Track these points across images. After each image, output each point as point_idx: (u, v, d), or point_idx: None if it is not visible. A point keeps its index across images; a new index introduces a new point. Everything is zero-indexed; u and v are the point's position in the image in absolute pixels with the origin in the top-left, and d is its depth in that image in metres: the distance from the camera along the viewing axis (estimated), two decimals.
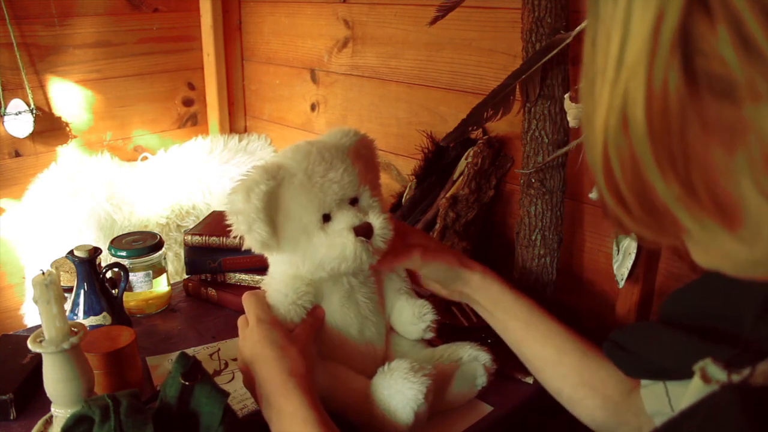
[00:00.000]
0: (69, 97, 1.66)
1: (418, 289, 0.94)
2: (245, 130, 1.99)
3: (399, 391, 0.77)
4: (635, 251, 1.00)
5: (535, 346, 0.78)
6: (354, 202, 0.83)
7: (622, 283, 1.02)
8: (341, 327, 0.85)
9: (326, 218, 0.80)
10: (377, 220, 0.81)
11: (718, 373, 0.44)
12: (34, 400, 0.88)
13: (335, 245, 0.79)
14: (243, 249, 0.82)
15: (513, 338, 0.81)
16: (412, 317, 0.89)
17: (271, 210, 0.78)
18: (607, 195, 0.33)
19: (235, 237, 0.79)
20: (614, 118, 0.30)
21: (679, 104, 0.29)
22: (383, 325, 0.90)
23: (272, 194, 0.77)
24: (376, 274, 0.89)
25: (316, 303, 0.84)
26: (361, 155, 0.86)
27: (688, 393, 0.48)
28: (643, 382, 0.65)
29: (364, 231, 0.80)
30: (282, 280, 0.83)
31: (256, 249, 0.80)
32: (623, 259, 1.02)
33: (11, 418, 0.86)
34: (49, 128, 1.63)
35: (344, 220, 0.80)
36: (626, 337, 0.64)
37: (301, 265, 0.82)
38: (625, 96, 0.30)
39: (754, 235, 0.31)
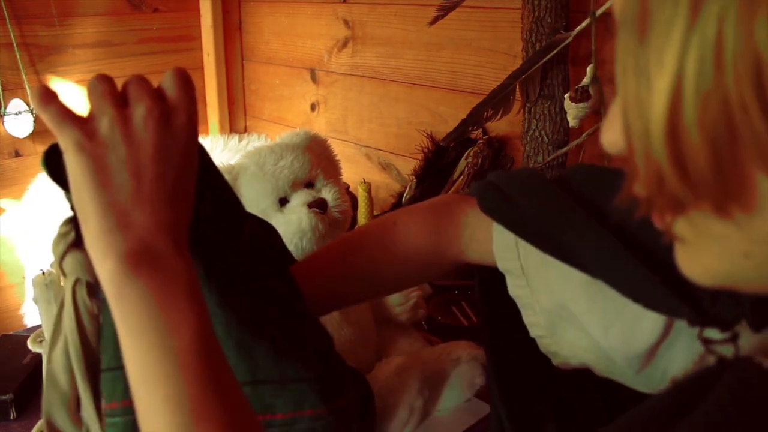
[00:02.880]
0: (69, 97, 1.66)
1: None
2: (245, 130, 1.99)
3: (394, 387, 0.78)
4: None
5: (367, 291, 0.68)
6: (309, 186, 0.89)
7: None
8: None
9: (283, 202, 0.87)
10: (330, 194, 0.87)
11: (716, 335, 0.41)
12: (34, 400, 0.88)
13: (292, 221, 0.84)
14: None
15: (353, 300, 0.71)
16: (398, 297, 0.91)
17: None
18: (662, 151, 0.28)
19: None
20: (700, 48, 0.26)
21: None
22: (368, 309, 0.91)
23: None
24: None
25: None
26: (313, 149, 0.92)
27: (676, 356, 0.45)
28: (497, 236, 0.58)
29: (318, 204, 0.85)
30: None
31: None
32: None
33: (11, 418, 0.86)
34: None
35: (298, 199, 0.86)
36: (508, 182, 0.56)
37: None
38: (722, 17, 0.25)
39: None
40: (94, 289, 0.54)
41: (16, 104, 1.54)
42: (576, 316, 0.52)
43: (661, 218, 0.31)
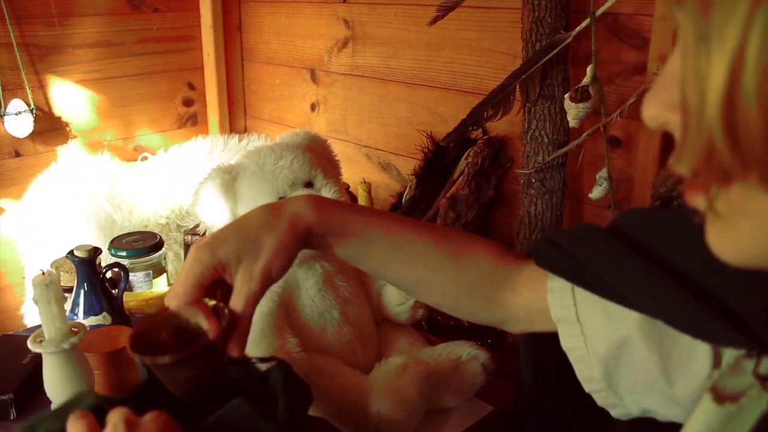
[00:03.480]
0: (69, 97, 1.66)
1: None
2: (245, 130, 1.99)
3: (394, 387, 0.78)
4: None
5: (402, 267, 0.66)
6: (309, 186, 0.88)
7: None
8: (322, 310, 0.86)
9: None
10: (329, 194, 0.87)
11: (738, 381, 0.41)
12: (34, 400, 0.88)
13: None
14: None
15: (372, 267, 0.68)
16: (398, 297, 0.91)
17: (230, 201, 0.85)
18: (716, 122, 0.28)
19: (204, 233, 0.85)
20: (761, 36, 0.26)
21: None
22: (368, 310, 0.91)
23: (229, 186, 0.85)
24: None
25: (286, 288, 0.86)
26: (313, 149, 0.92)
27: (696, 414, 0.44)
28: (552, 285, 0.59)
29: None
30: None
31: None
32: None
33: (11, 418, 0.86)
34: (49, 128, 1.63)
35: None
36: (564, 235, 0.59)
37: None
38: None
39: None
40: None
41: (16, 104, 1.54)
42: (634, 355, 0.53)
43: (704, 190, 0.31)
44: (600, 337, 0.55)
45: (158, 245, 1.13)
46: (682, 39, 0.30)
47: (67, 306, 0.99)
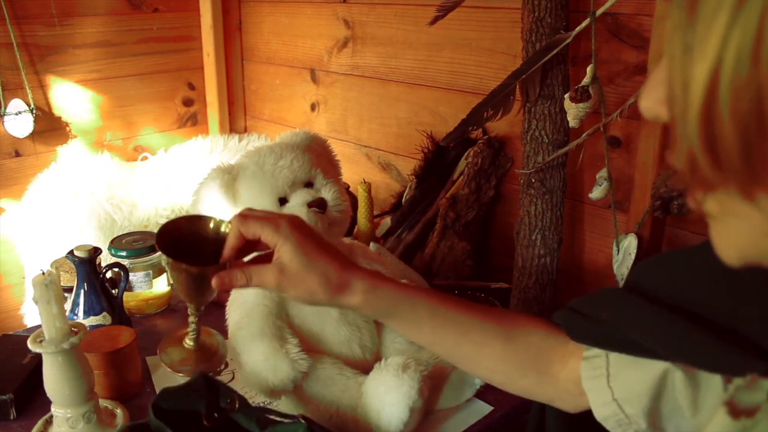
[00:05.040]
0: (69, 97, 1.66)
1: None
2: (245, 130, 1.99)
3: (394, 387, 0.78)
4: (635, 251, 1.00)
5: (449, 345, 0.70)
6: (308, 186, 0.88)
7: (622, 283, 1.02)
8: (321, 310, 0.86)
9: (283, 202, 0.86)
10: (329, 194, 0.87)
11: (753, 396, 0.42)
12: (34, 400, 0.88)
13: None
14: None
15: (423, 342, 0.72)
16: None
17: (230, 201, 0.85)
18: (695, 134, 0.29)
19: None
20: (740, 39, 0.26)
21: None
22: None
23: (229, 186, 0.85)
24: None
25: None
26: (313, 149, 0.92)
27: (710, 428, 0.45)
28: (586, 353, 0.62)
29: (317, 204, 0.85)
30: None
31: None
32: (623, 259, 1.02)
33: (11, 418, 0.86)
34: (49, 128, 1.63)
35: (298, 198, 0.86)
36: (586, 303, 0.61)
37: None
38: (763, 17, 0.26)
39: None
40: None
41: (16, 104, 1.54)
42: (675, 384, 0.55)
43: (692, 195, 0.32)
44: (636, 390, 0.58)
45: None
46: (670, 40, 0.30)
47: (67, 306, 0.99)
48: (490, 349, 0.67)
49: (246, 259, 0.72)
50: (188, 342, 0.73)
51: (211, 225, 0.72)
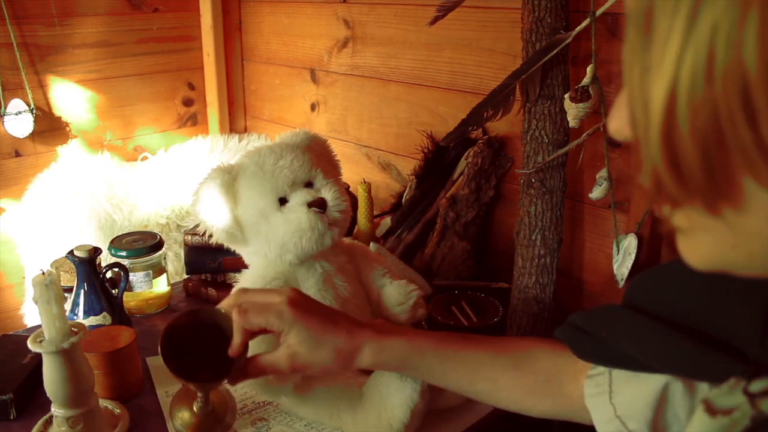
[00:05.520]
0: (69, 97, 1.66)
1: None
2: (245, 130, 1.99)
3: (395, 388, 0.78)
4: (635, 251, 1.00)
5: (464, 384, 0.71)
6: (308, 186, 0.88)
7: (622, 283, 1.02)
8: None
9: (283, 202, 0.86)
10: (329, 194, 0.87)
11: (730, 399, 0.43)
12: (34, 400, 0.88)
13: (291, 220, 0.84)
14: (213, 244, 0.90)
15: (438, 385, 0.74)
16: (398, 297, 0.91)
17: (230, 202, 0.85)
18: (657, 153, 0.29)
19: (203, 233, 0.87)
20: (694, 58, 0.27)
21: None
22: (368, 310, 0.91)
23: (229, 187, 0.85)
24: (353, 263, 0.92)
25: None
26: (313, 149, 0.92)
27: (690, 428, 0.46)
28: (590, 372, 0.64)
29: (317, 204, 0.85)
30: (252, 272, 0.88)
31: (225, 241, 0.88)
32: (623, 259, 1.02)
33: (11, 418, 0.86)
34: (49, 128, 1.63)
35: (298, 198, 0.85)
36: (588, 320, 0.62)
37: (267, 250, 0.86)
38: (715, 30, 0.26)
39: None
40: None
41: (16, 104, 1.54)
42: (673, 416, 0.57)
43: (659, 210, 0.33)
44: (638, 405, 0.58)
45: (158, 245, 1.13)
46: (628, 63, 0.31)
47: (67, 306, 0.99)
48: (503, 381, 0.69)
49: None
50: (196, 408, 0.72)
51: (212, 317, 0.71)
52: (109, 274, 1.02)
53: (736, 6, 0.25)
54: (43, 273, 0.74)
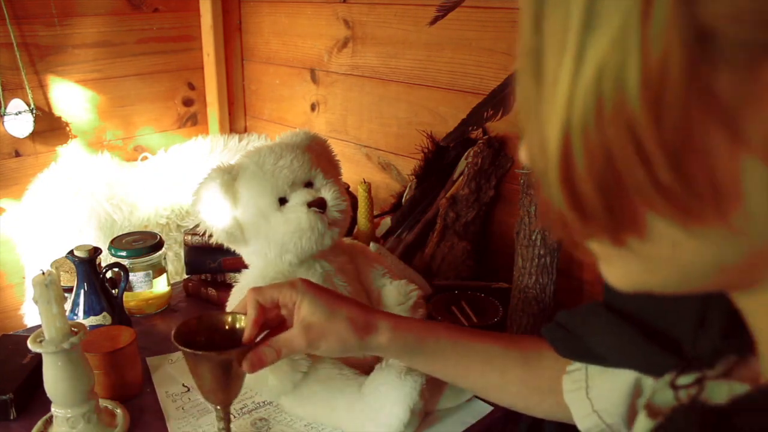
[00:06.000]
0: (69, 97, 1.66)
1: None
2: (245, 130, 1.99)
3: (395, 387, 0.78)
4: None
5: (474, 377, 0.71)
6: (308, 186, 0.88)
7: None
8: None
9: (282, 202, 0.86)
10: (329, 194, 0.87)
11: (665, 396, 0.43)
12: (34, 400, 0.88)
13: (291, 220, 0.84)
14: (213, 244, 0.89)
15: (449, 377, 0.74)
16: (398, 297, 0.91)
17: (230, 202, 0.85)
18: (558, 189, 0.29)
19: (203, 233, 0.87)
20: (584, 96, 0.26)
21: (683, 74, 0.24)
22: None
23: (229, 187, 0.85)
24: (353, 263, 0.92)
25: None
26: (313, 149, 0.92)
27: (635, 428, 0.47)
28: (569, 368, 0.64)
29: (317, 203, 0.85)
30: (252, 272, 0.89)
31: (225, 241, 0.88)
32: None
33: (11, 418, 0.86)
34: (49, 128, 1.63)
35: (298, 198, 0.85)
36: (570, 318, 0.63)
37: (267, 250, 0.86)
38: (602, 68, 0.25)
39: (744, 228, 0.28)
40: None
41: (16, 104, 1.54)
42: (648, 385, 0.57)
43: (569, 243, 0.33)
44: (613, 399, 0.59)
45: (158, 245, 1.13)
46: (523, 109, 0.30)
47: (67, 306, 0.99)
48: (513, 375, 0.69)
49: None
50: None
51: (222, 319, 0.71)
52: (109, 274, 1.02)
53: (619, 46, 0.25)
54: (43, 273, 0.74)
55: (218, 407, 0.71)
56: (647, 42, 0.24)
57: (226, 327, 0.71)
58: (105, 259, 1.09)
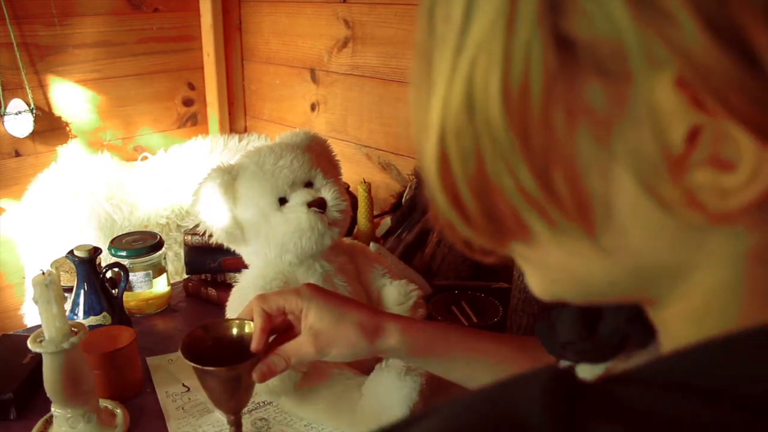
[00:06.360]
0: (69, 97, 1.66)
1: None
2: (245, 130, 1.99)
3: (395, 388, 0.78)
4: None
5: (484, 378, 0.70)
6: (308, 186, 0.88)
7: None
8: None
9: (282, 202, 0.86)
10: (329, 194, 0.86)
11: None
12: (34, 400, 0.88)
13: (291, 220, 0.84)
14: (213, 244, 0.89)
15: (459, 378, 0.72)
16: (398, 297, 0.91)
17: (230, 202, 0.85)
18: (440, 194, 0.29)
19: (203, 233, 0.87)
20: (456, 102, 0.26)
21: (545, 85, 0.24)
22: None
23: (229, 187, 0.85)
24: (353, 263, 0.92)
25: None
26: (313, 149, 0.92)
27: None
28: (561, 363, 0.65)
29: (317, 203, 0.85)
30: (252, 272, 0.88)
31: (224, 241, 0.88)
32: None
33: (11, 418, 0.86)
34: (49, 128, 1.63)
35: (298, 198, 0.85)
36: (557, 313, 0.62)
37: (267, 250, 0.86)
38: (471, 75, 0.25)
39: (616, 245, 0.27)
40: None
41: (16, 104, 1.54)
42: None
43: (464, 245, 0.33)
44: None
45: (158, 245, 1.13)
46: (414, 123, 0.30)
47: (67, 306, 0.98)
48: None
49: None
50: None
51: (229, 326, 0.71)
52: (109, 274, 1.02)
53: (485, 50, 0.25)
54: (43, 273, 0.74)
55: (228, 415, 0.71)
56: (510, 48, 0.24)
57: (234, 334, 0.70)
58: (105, 259, 1.09)
